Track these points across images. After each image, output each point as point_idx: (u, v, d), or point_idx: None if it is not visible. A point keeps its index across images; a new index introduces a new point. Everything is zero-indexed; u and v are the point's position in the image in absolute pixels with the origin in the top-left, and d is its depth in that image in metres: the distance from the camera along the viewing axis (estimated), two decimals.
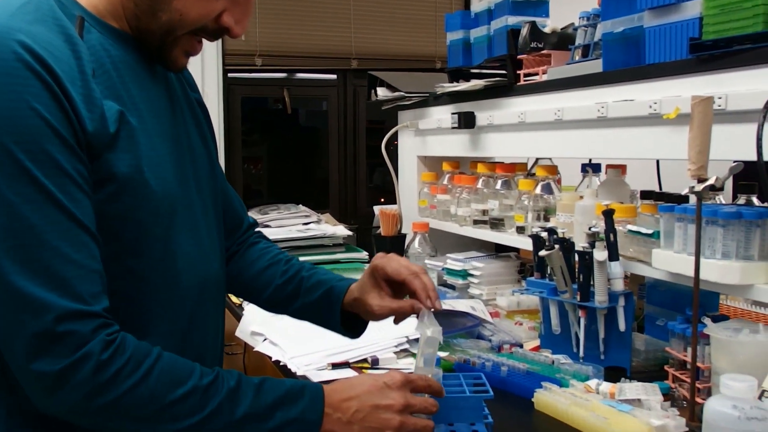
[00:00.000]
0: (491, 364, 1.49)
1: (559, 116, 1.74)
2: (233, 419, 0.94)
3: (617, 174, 1.78)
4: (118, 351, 0.89)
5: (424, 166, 2.54)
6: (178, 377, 0.93)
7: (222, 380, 0.95)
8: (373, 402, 1.01)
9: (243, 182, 4.21)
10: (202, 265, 1.12)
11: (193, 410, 0.92)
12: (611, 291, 1.48)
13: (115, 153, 0.95)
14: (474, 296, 2.05)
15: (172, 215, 1.04)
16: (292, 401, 0.98)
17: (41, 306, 0.86)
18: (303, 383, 1.02)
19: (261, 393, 0.97)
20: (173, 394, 0.91)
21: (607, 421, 1.19)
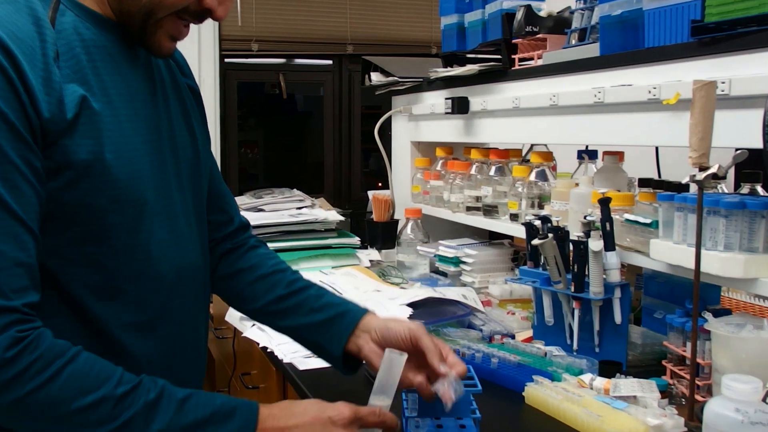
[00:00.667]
0: (481, 356, 1.41)
1: (554, 101, 1.65)
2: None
3: (614, 161, 1.70)
4: (26, 349, 0.82)
5: (418, 152, 2.45)
6: (89, 383, 0.84)
7: (141, 391, 0.86)
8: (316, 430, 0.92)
9: (239, 166, 4.12)
10: (178, 256, 1.06)
11: (101, 420, 0.83)
12: (607, 282, 1.40)
13: (74, 139, 0.89)
14: (466, 284, 1.97)
15: (142, 204, 0.98)
16: (218, 422, 0.88)
17: None
18: (237, 403, 0.91)
19: (183, 410, 0.87)
20: (80, 401, 0.83)
21: (601, 419, 1.11)
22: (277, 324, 1.22)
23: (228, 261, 1.25)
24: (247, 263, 1.24)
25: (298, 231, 2.28)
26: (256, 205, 2.72)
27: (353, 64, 3.93)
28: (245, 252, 1.27)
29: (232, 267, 1.25)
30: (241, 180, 4.14)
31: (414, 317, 1.61)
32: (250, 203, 2.78)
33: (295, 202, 2.83)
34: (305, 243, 2.24)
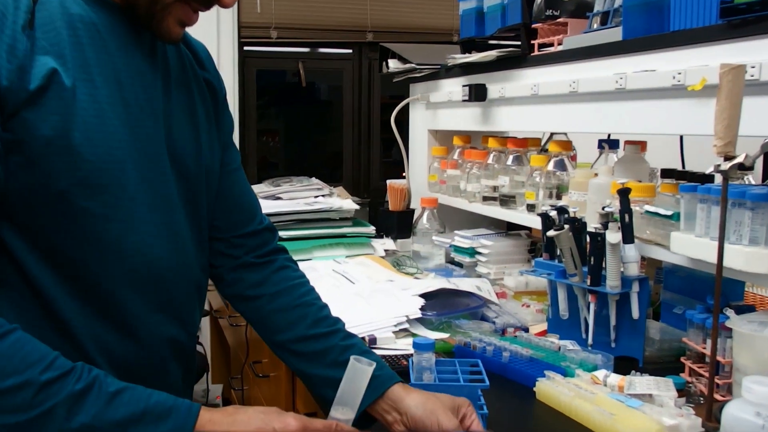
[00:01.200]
0: (492, 349, 1.36)
1: (574, 88, 1.58)
2: (67, 427, 0.77)
3: (636, 150, 1.63)
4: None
5: (435, 141, 2.40)
6: (13, 365, 0.77)
7: (69, 380, 0.79)
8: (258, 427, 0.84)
9: (260, 155, 4.09)
10: (166, 253, 0.99)
11: (19, 407, 0.76)
12: (624, 275, 1.34)
13: (37, 112, 0.84)
14: (481, 275, 1.92)
15: (118, 190, 0.91)
16: (151, 422, 0.80)
17: None
18: (175, 403, 0.83)
19: (113, 404, 0.80)
20: (1, 383, 0.76)
21: (614, 418, 1.05)
22: (293, 365, 1.11)
23: (251, 279, 1.16)
24: (273, 288, 1.15)
25: (313, 219, 2.24)
26: (274, 193, 2.68)
27: (373, 53, 3.87)
28: (273, 272, 1.17)
29: (256, 289, 1.15)
30: (261, 168, 4.11)
31: (426, 308, 1.57)
32: (268, 191, 2.74)
33: (314, 190, 2.79)
34: (320, 231, 2.20)
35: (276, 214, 2.17)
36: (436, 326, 1.55)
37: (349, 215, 2.29)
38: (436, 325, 1.55)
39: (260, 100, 4.12)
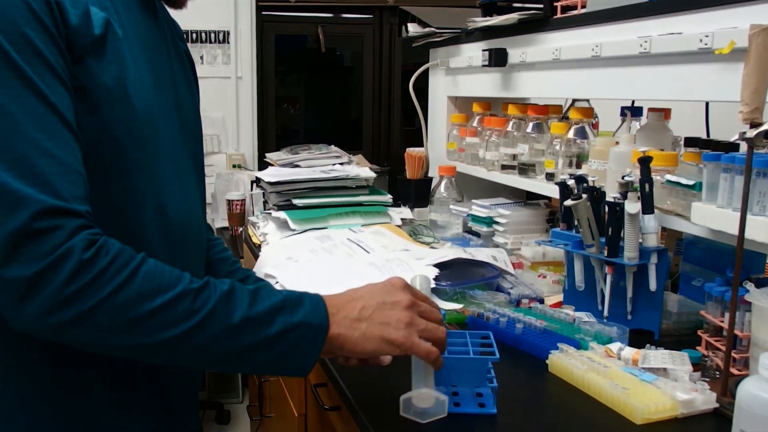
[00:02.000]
0: (506, 320, 1.34)
1: (596, 52, 1.54)
2: (231, 323, 0.81)
3: (659, 118, 1.59)
4: (101, 251, 0.77)
5: (454, 107, 2.36)
6: (166, 281, 0.80)
7: (214, 285, 0.83)
8: (379, 299, 0.90)
9: (280, 122, 4.08)
10: (183, 208, 1.01)
11: (186, 314, 0.80)
12: (643, 247, 1.31)
13: (100, 61, 0.84)
14: (498, 245, 1.89)
15: (156, 143, 0.93)
16: (292, 307, 0.85)
17: (18, 200, 0.74)
18: (300, 292, 0.89)
19: (258, 299, 0.84)
20: (162, 297, 0.79)
21: (627, 392, 1.03)
22: None
23: None
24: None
25: (329, 188, 2.21)
26: (292, 161, 2.67)
27: (394, 17, 3.82)
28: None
29: None
30: (281, 136, 4.10)
31: (441, 278, 1.55)
32: (285, 159, 2.73)
33: (332, 158, 2.77)
34: (336, 200, 2.18)
35: (291, 182, 2.15)
36: (451, 296, 1.53)
37: (366, 183, 2.27)
38: (450, 295, 1.53)
39: (280, 67, 4.09)
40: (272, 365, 0.86)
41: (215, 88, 3.45)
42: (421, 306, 0.93)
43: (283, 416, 1.79)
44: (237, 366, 0.87)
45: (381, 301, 0.90)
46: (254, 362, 0.85)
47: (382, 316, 0.89)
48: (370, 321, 0.88)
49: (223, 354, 0.82)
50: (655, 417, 1.00)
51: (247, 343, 0.82)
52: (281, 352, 0.84)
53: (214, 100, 3.44)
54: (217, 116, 3.46)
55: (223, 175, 3.13)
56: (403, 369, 1.16)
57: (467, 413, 1.03)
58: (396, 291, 0.92)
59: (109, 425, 0.92)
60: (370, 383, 1.14)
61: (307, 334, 0.85)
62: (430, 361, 0.91)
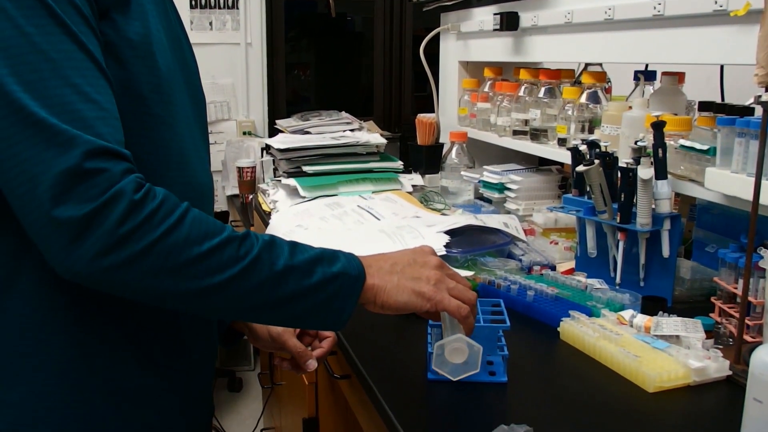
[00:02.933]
0: (517, 288, 1.33)
1: (609, 15, 1.51)
2: (275, 270, 0.82)
3: (673, 82, 1.56)
4: (149, 194, 0.78)
5: (466, 73, 2.33)
6: (212, 228, 0.81)
7: (255, 234, 0.85)
8: (409, 258, 0.94)
9: (289, 88, 4.04)
10: (201, 168, 1.01)
11: (232, 260, 0.80)
12: (656, 213, 1.30)
13: (125, 17, 0.85)
14: (510, 211, 1.88)
15: (175, 103, 0.93)
16: (330, 260, 0.87)
17: (67, 140, 0.74)
18: (334, 249, 0.90)
19: (297, 250, 0.86)
20: (210, 242, 0.80)
21: (639, 360, 1.03)
22: None
23: None
24: None
25: (339, 154, 2.20)
26: (303, 128, 2.66)
27: None
28: None
29: None
30: (292, 102, 4.08)
31: (451, 245, 1.54)
32: (296, 125, 2.72)
33: (342, 124, 2.75)
34: (346, 166, 2.16)
35: (301, 149, 2.14)
36: (462, 264, 1.52)
37: (377, 150, 2.25)
38: (461, 262, 1.52)
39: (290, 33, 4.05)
40: (310, 315, 0.87)
41: (224, 55, 3.42)
42: (449, 269, 0.96)
43: (293, 385, 1.80)
44: (274, 315, 0.87)
45: (411, 259, 0.93)
46: (293, 312, 0.85)
47: (413, 272, 0.92)
48: (402, 274, 0.91)
49: (264, 302, 0.83)
50: (668, 385, 0.99)
51: (288, 291, 0.83)
52: (320, 301, 0.85)
53: (223, 67, 3.41)
54: (227, 83, 3.44)
55: (233, 142, 3.12)
56: (412, 338, 1.16)
57: (478, 381, 1.03)
58: (425, 254, 0.95)
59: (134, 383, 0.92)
60: (379, 352, 1.15)
61: (345, 284, 0.87)
62: (460, 316, 0.93)
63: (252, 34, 3.45)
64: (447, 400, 1.00)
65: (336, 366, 1.31)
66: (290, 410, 1.88)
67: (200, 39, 3.33)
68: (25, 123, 0.73)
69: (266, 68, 3.52)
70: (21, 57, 0.74)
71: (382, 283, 0.90)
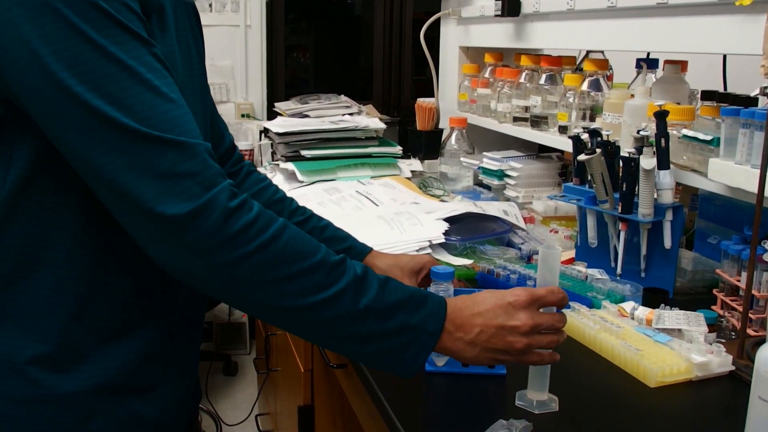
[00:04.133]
0: (516, 277, 1.31)
1: (612, 2, 1.48)
2: (356, 308, 0.81)
3: (676, 71, 1.53)
4: (245, 205, 0.78)
5: (466, 58, 2.30)
6: (306, 248, 0.81)
7: (350, 264, 0.83)
8: (498, 323, 0.87)
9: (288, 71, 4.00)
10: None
11: (318, 287, 0.80)
12: (658, 203, 1.27)
13: (161, 29, 0.86)
14: (510, 198, 1.86)
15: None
16: (415, 307, 0.85)
17: (163, 142, 0.75)
18: (426, 292, 0.89)
19: (386, 290, 0.84)
20: (301, 263, 0.79)
21: (640, 354, 1.01)
22: None
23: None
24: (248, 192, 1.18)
25: (338, 138, 2.17)
26: (301, 111, 2.62)
27: None
28: (244, 178, 1.22)
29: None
30: (291, 85, 4.04)
31: (450, 233, 1.52)
32: (295, 109, 2.68)
33: (342, 108, 2.72)
34: (344, 151, 2.13)
35: (299, 133, 2.11)
36: (460, 251, 1.50)
37: (376, 134, 2.22)
38: (460, 250, 1.50)
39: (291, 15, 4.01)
40: (378, 358, 0.85)
41: (224, 37, 3.38)
42: (541, 325, 0.89)
43: (289, 371, 1.78)
44: (342, 348, 0.87)
45: (500, 324, 0.87)
46: (362, 350, 0.84)
47: (497, 342, 0.87)
48: (485, 346, 0.87)
49: (337, 334, 0.83)
50: (670, 380, 0.97)
51: (363, 332, 0.82)
52: (391, 348, 0.84)
53: (222, 49, 3.37)
54: (226, 65, 3.40)
55: (232, 124, 3.09)
56: None
57: (476, 373, 1.01)
58: (518, 313, 0.88)
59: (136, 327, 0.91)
60: None
61: (419, 338, 0.85)
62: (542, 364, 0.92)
63: (251, 16, 3.40)
64: (444, 392, 0.98)
65: (332, 354, 1.29)
66: (285, 397, 1.87)
67: None
68: (118, 133, 0.74)
69: (266, 51, 3.48)
70: (100, 69, 0.75)
71: (459, 351, 0.87)
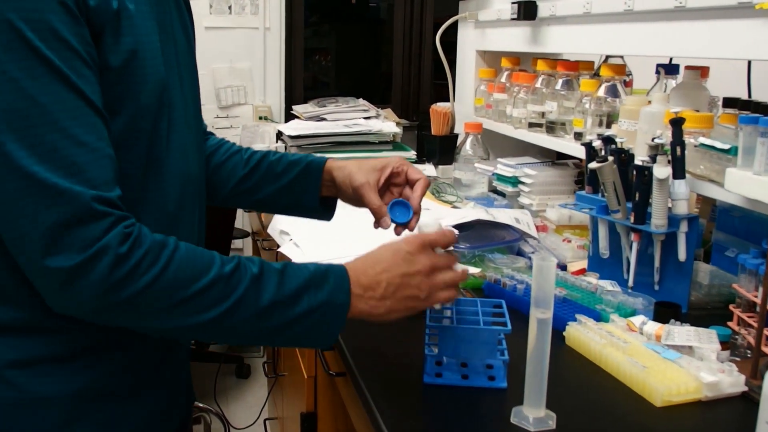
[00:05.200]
0: (523, 287, 1.27)
1: (630, 6, 1.43)
2: (260, 307, 0.84)
3: (696, 77, 1.48)
4: (135, 244, 0.79)
5: (483, 62, 2.25)
6: (199, 267, 0.82)
7: (245, 267, 0.85)
8: (401, 272, 0.91)
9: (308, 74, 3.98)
10: (185, 166, 0.97)
11: (217, 300, 0.82)
12: (672, 214, 1.23)
13: (116, 37, 0.82)
14: (524, 206, 1.81)
15: (165, 109, 0.90)
16: (317, 285, 0.87)
17: (57, 193, 0.75)
18: (326, 266, 0.90)
19: (285, 278, 0.86)
20: (196, 284, 0.81)
21: (646, 371, 0.96)
22: (251, 201, 1.22)
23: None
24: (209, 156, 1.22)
25: (351, 142, 2.14)
26: (319, 114, 2.60)
27: None
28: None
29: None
30: (312, 88, 4.02)
31: (460, 240, 1.48)
32: (312, 112, 2.66)
33: (359, 112, 2.69)
34: (357, 155, 2.11)
35: (312, 136, 2.09)
36: (468, 260, 1.46)
37: (390, 139, 2.19)
38: (468, 258, 1.46)
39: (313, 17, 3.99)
40: (298, 340, 0.90)
41: (242, 39, 3.36)
42: (439, 264, 0.93)
43: (294, 376, 1.75)
44: (266, 341, 0.92)
45: (403, 272, 0.90)
46: (282, 338, 0.89)
47: (404, 290, 0.91)
48: (395, 297, 0.90)
49: (253, 332, 0.86)
50: (677, 399, 0.93)
51: (274, 324, 0.85)
52: (304, 330, 0.87)
53: (241, 51, 3.36)
54: (244, 67, 3.39)
55: (249, 126, 3.07)
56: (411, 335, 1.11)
57: (476, 387, 0.97)
58: (416, 258, 0.92)
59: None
60: (376, 349, 1.09)
61: (330, 312, 0.87)
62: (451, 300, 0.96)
63: (271, 18, 3.39)
64: (442, 406, 0.94)
65: (333, 362, 1.25)
66: (291, 403, 1.84)
67: (218, 23, 3.28)
68: (16, 175, 0.74)
69: (284, 54, 3.46)
70: (10, 103, 0.74)
71: (372, 310, 0.90)
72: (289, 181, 1.17)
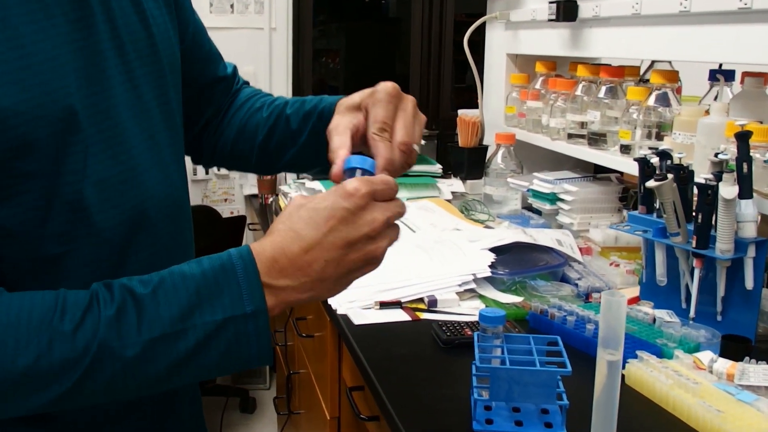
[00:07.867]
0: (574, 320, 1.25)
1: (685, 7, 1.42)
2: (125, 356, 0.70)
3: (758, 84, 1.46)
4: None
5: (515, 67, 2.25)
6: (24, 333, 0.68)
7: (95, 310, 0.71)
8: (344, 241, 0.75)
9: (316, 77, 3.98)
10: (131, 191, 0.84)
11: (66, 364, 0.69)
12: (738, 237, 1.21)
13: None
14: (563, 225, 1.80)
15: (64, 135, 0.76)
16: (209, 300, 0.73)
17: None
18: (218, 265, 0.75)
19: (160, 305, 0.71)
20: (26, 356, 0.67)
21: (722, 416, 0.94)
22: (281, 166, 1.10)
23: (219, 125, 1.14)
24: (228, 120, 1.13)
25: None
26: None
27: None
28: (228, 107, 1.14)
29: (222, 132, 1.13)
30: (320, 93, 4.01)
31: (497, 265, 1.47)
32: None
33: None
34: None
35: None
36: (508, 287, 1.45)
37: None
38: (508, 285, 1.45)
39: (320, 16, 3.99)
40: (211, 371, 0.76)
41: (246, 40, 3.36)
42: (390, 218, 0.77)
43: (313, 415, 1.73)
44: (167, 385, 0.75)
45: (347, 241, 0.75)
46: (187, 375, 0.74)
47: (351, 263, 0.76)
48: (338, 275, 0.76)
49: (140, 383, 0.72)
50: None
51: (164, 366, 0.72)
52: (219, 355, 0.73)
53: (245, 54, 3.36)
54: (249, 70, 3.39)
55: None
56: (453, 372, 1.09)
57: None
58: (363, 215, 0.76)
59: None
60: (413, 390, 1.07)
61: (241, 329, 0.73)
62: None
63: (277, 18, 3.39)
64: None
65: (362, 403, 1.24)
66: None
67: (219, 23, 3.28)
68: None
69: (291, 56, 3.46)
70: None
71: (306, 296, 0.76)
72: (303, 142, 1.04)
